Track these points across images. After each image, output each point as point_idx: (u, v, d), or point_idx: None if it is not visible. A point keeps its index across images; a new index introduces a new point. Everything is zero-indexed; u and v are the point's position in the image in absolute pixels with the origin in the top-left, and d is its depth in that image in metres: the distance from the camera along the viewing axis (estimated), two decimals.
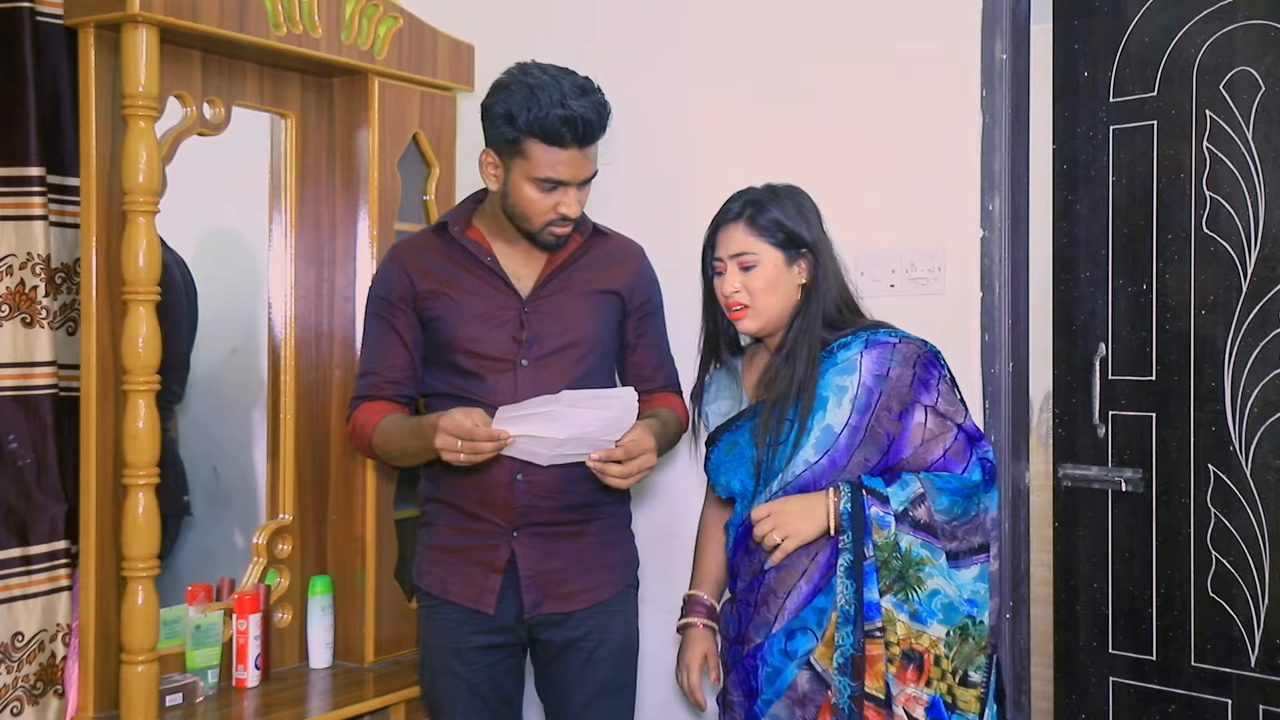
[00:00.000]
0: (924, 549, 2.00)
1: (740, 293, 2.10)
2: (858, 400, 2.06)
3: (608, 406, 2.02)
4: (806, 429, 2.06)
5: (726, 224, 2.12)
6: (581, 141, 2.11)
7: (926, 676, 1.99)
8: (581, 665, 2.28)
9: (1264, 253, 2.45)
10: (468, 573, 2.24)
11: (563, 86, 2.09)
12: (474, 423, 1.99)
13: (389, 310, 2.27)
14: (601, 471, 2.05)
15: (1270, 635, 2.45)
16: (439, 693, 2.28)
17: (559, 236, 2.21)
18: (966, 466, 2.06)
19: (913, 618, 1.99)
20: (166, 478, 2.35)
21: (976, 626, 2.02)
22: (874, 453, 2.06)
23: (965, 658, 2.01)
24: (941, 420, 2.06)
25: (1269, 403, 2.45)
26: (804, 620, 2.05)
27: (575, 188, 2.15)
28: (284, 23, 2.46)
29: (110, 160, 2.31)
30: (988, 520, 2.06)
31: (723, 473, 2.18)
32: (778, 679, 2.06)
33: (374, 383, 2.28)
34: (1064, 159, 2.70)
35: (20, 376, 2.31)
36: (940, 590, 2.00)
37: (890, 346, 2.09)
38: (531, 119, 2.07)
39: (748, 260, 2.09)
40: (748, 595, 2.12)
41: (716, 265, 2.14)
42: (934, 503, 2.01)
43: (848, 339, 2.10)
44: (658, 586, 2.84)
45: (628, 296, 2.33)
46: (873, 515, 2.00)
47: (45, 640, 2.34)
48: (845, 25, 2.73)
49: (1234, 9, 2.48)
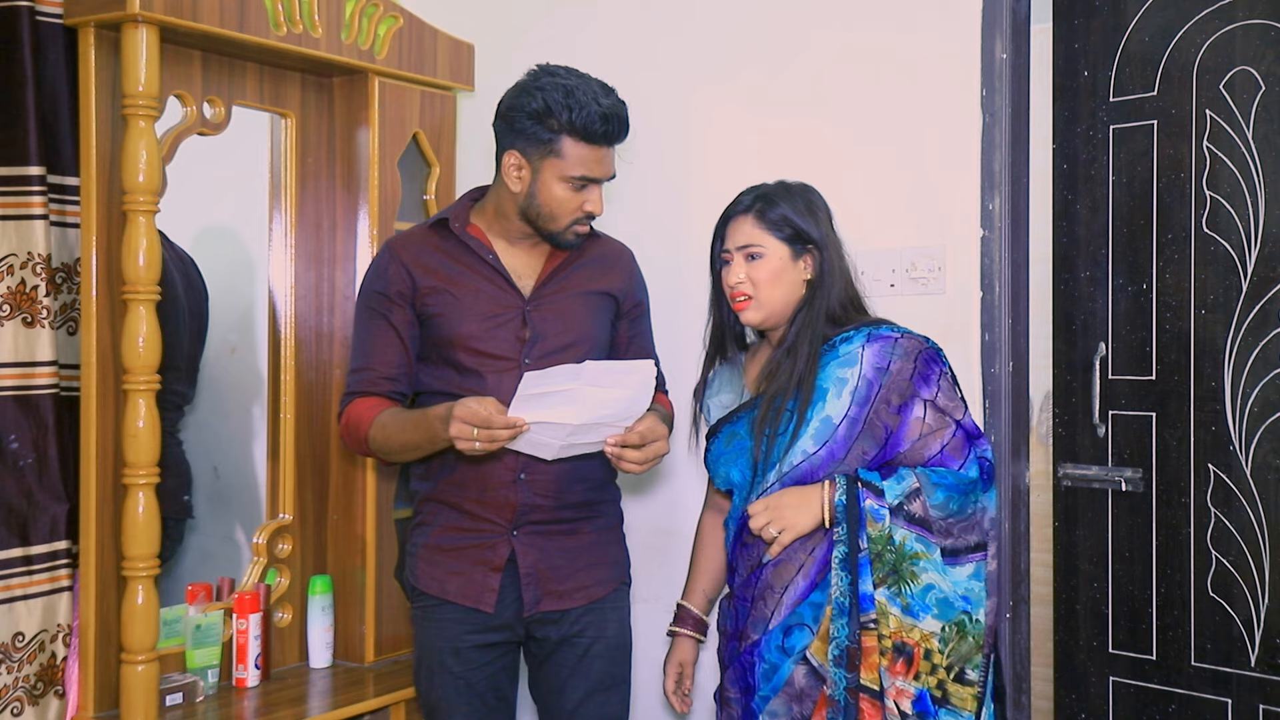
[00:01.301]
0: (918, 543, 2.01)
1: (745, 283, 2.13)
2: (857, 392, 2.07)
3: (628, 382, 2.01)
4: (805, 420, 2.07)
5: (736, 216, 2.15)
6: (615, 138, 2.17)
7: (915, 670, 2.00)
8: (576, 662, 2.28)
9: (1264, 252, 2.45)
10: (467, 572, 2.24)
11: (592, 86, 2.15)
12: (489, 411, 1.97)
13: (386, 305, 2.25)
14: (618, 456, 2.05)
15: (1270, 635, 2.45)
16: (436, 692, 2.28)
17: (580, 236, 2.24)
18: (964, 463, 2.07)
19: (905, 611, 2.00)
20: (169, 478, 2.35)
21: (974, 624, 2.02)
22: (872, 446, 2.07)
23: (962, 655, 2.02)
24: (940, 415, 2.07)
25: (1269, 402, 2.45)
26: (801, 616, 2.06)
27: (600, 185, 2.20)
28: (284, 22, 2.46)
29: (110, 160, 2.31)
30: (985, 519, 2.06)
31: (722, 464, 2.19)
32: (775, 675, 2.07)
33: (368, 379, 2.26)
34: (1064, 158, 2.70)
35: (21, 376, 2.31)
36: (935, 585, 2.01)
37: (892, 341, 2.10)
38: (572, 117, 2.12)
39: (753, 252, 2.12)
40: (745, 591, 2.13)
41: (724, 256, 2.17)
42: (929, 498, 2.02)
43: (849, 333, 2.12)
44: (656, 584, 2.84)
45: (621, 298, 2.34)
46: (867, 508, 2.01)
47: (46, 640, 2.34)
48: (845, 24, 2.74)
49: (1234, 9, 2.48)
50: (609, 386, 2.00)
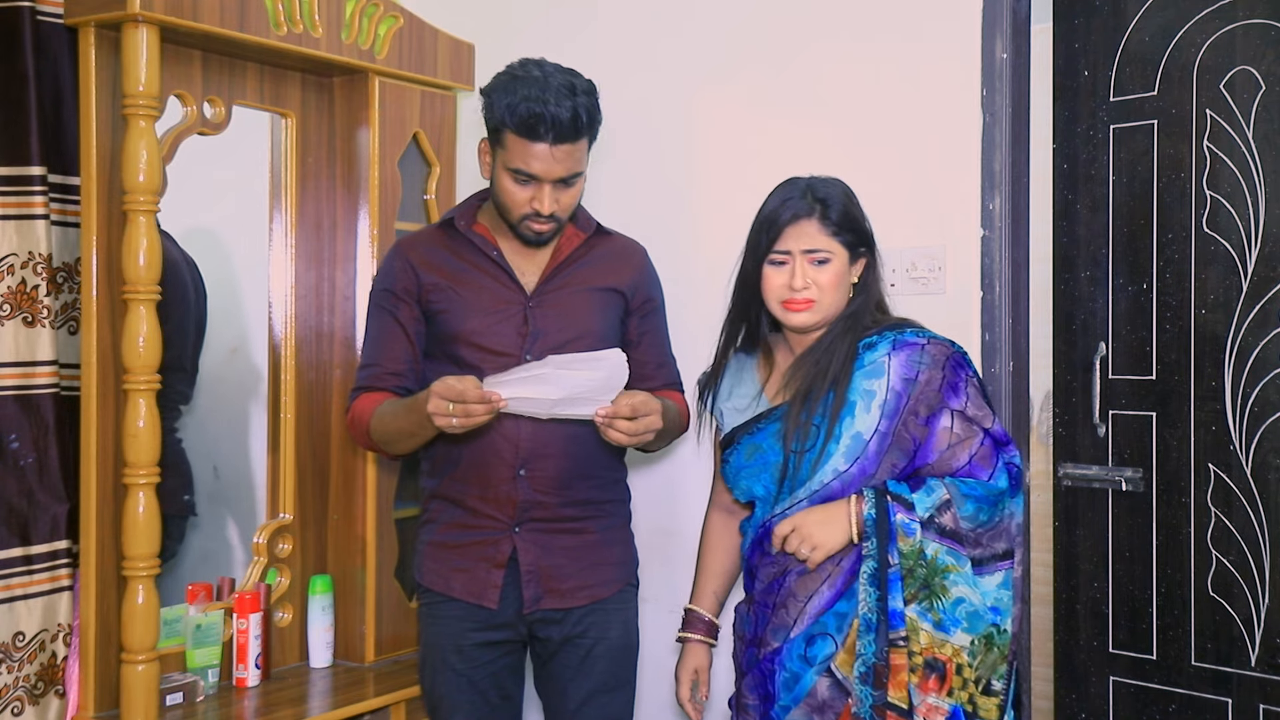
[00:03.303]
0: (949, 556, 1.96)
1: (810, 288, 2.05)
2: (886, 405, 2.02)
3: (597, 368, 1.99)
4: (835, 436, 2.02)
5: (800, 219, 2.06)
6: (555, 139, 2.11)
7: (948, 686, 1.95)
8: (579, 662, 2.28)
9: (1264, 252, 2.45)
10: (471, 568, 2.25)
11: (549, 84, 2.11)
12: (465, 386, 1.98)
13: (392, 302, 2.28)
14: (608, 425, 2.04)
15: (1270, 635, 2.45)
16: (439, 689, 2.29)
17: (537, 233, 2.21)
18: (992, 473, 2.02)
19: (936, 626, 1.95)
20: (169, 477, 2.35)
21: (1000, 635, 1.98)
22: (900, 458, 2.02)
23: (989, 666, 1.98)
24: (968, 425, 2.02)
25: (1269, 402, 2.45)
26: (824, 625, 2.01)
27: (551, 185, 2.16)
28: (284, 22, 2.46)
29: (111, 159, 2.31)
30: (1012, 526, 2.02)
31: (743, 477, 2.13)
32: (796, 685, 2.02)
33: (375, 374, 2.28)
34: (1064, 158, 2.70)
35: (22, 376, 2.31)
36: (965, 598, 1.97)
37: (918, 348, 2.05)
38: (505, 108, 2.11)
39: (822, 257, 2.05)
40: (766, 597, 2.08)
41: (779, 257, 2.07)
42: (959, 509, 1.97)
43: (873, 339, 2.07)
44: (658, 586, 2.84)
45: (630, 294, 2.33)
46: (898, 522, 1.96)
47: (46, 640, 2.34)
48: (845, 24, 2.74)
49: (1234, 8, 2.48)
50: (580, 370, 1.99)
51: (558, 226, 2.23)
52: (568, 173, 2.16)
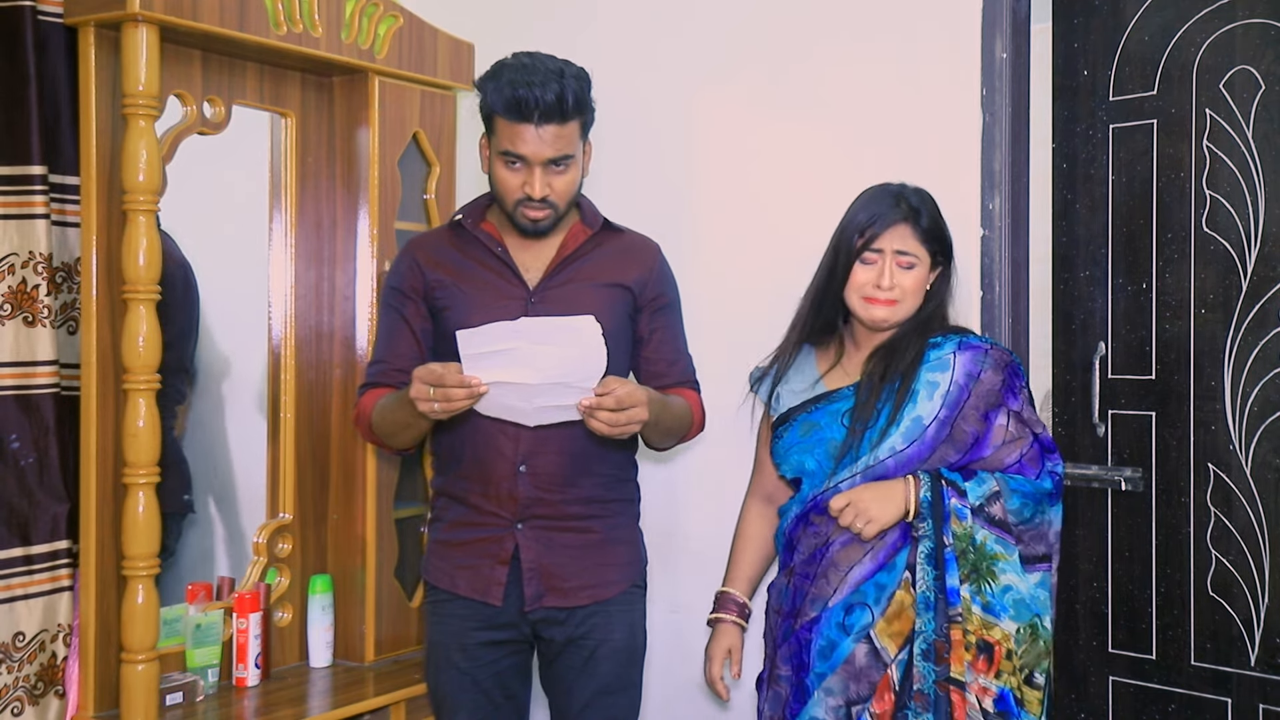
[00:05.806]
0: (998, 544, 2.08)
1: (895, 289, 2.16)
2: (949, 395, 2.13)
3: (572, 341, 1.97)
4: (897, 420, 2.13)
5: (897, 222, 2.15)
6: (541, 119, 2.12)
7: (996, 668, 2.05)
8: (583, 663, 2.28)
9: (1264, 252, 2.45)
10: (475, 565, 2.25)
11: (536, 68, 2.14)
12: (443, 370, 2.00)
13: (399, 300, 2.30)
14: (590, 414, 2.03)
15: (1270, 634, 2.45)
16: (443, 687, 2.29)
17: (533, 220, 2.21)
18: (1039, 474, 2.14)
19: (985, 609, 2.06)
20: (169, 476, 2.35)
21: (1044, 629, 2.09)
22: (953, 452, 2.13)
23: (1034, 657, 2.08)
24: (1022, 426, 2.15)
25: (1269, 402, 2.45)
26: (863, 594, 2.09)
27: (541, 168, 2.17)
28: (284, 22, 2.46)
29: (111, 159, 2.31)
30: (1051, 532, 2.14)
31: (795, 452, 2.21)
32: (833, 653, 2.10)
33: (382, 371, 2.30)
34: (1064, 158, 2.70)
35: (21, 376, 2.31)
36: (1013, 586, 2.08)
37: (983, 351, 2.18)
38: (493, 91, 2.15)
39: (910, 261, 2.16)
40: (806, 568, 2.16)
41: (872, 256, 2.16)
42: (1007, 502, 2.09)
43: (939, 339, 2.19)
44: (658, 585, 2.84)
45: (638, 291, 2.32)
46: (952, 506, 2.07)
47: (46, 640, 2.34)
48: (845, 24, 2.74)
49: (1234, 8, 2.48)
50: (555, 344, 1.97)
51: (554, 214, 2.22)
52: (557, 154, 2.16)
